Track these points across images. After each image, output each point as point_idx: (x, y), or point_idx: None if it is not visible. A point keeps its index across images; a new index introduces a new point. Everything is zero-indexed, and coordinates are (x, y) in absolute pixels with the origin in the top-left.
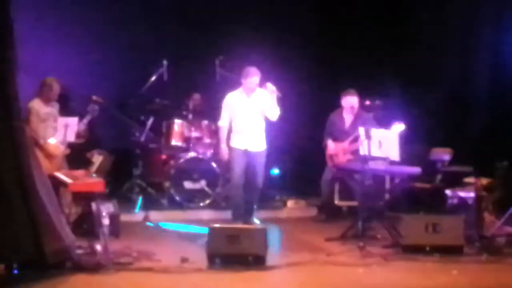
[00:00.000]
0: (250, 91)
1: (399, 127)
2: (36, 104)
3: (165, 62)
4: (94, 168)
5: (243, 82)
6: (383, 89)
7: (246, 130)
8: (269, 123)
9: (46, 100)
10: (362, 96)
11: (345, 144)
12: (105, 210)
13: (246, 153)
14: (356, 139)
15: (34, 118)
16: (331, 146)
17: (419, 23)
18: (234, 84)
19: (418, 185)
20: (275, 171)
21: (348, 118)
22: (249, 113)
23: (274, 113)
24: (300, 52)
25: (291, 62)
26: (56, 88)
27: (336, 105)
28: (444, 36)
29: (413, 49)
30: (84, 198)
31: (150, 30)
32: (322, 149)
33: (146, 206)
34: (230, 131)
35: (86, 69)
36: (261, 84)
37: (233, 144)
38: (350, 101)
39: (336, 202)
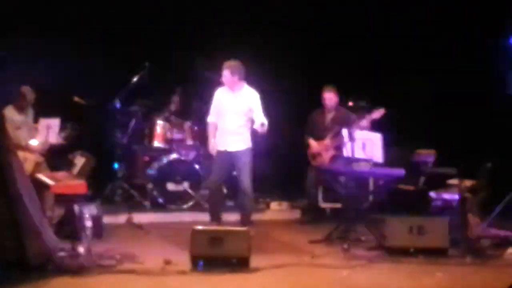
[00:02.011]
0: (231, 87)
1: (379, 111)
2: (10, 112)
3: (147, 64)
4: (76, 170)
5: None
6: (367, 91)
7: (228, 128)
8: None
9: (20, 108)
10: (346, 98)
11: (327, 141)
12: (88, 212)
13: (227, 154)
14: (337, 134)
15: (8, 125)
16: (313, 145)
17: (403, 26)
18: (218, 84)
19: (402, 187)
20: None
21: (329, 115)
22: (233, 110)
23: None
24: (285, 52)
25: (276, 62)
26: (30, 97)
27: (318, 104)
28: (430, 38)
29: (396, 51)
30: (66, 200)
31: (132, 31)
32: (304, 150)
33: (129, 208)
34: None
35: (67, 70)
36: (246, 79)
37: (216, 145)
38: (325, 96)
39: (320, 204)
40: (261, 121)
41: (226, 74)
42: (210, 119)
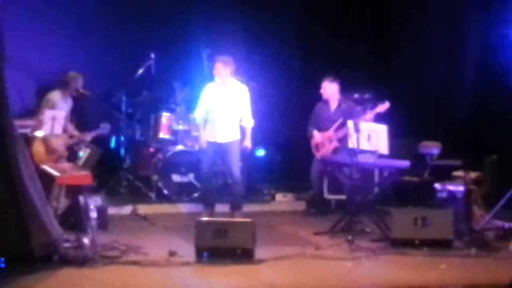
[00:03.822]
0: (222, 80)
1: (384, 105)
2: (55, 96)
3: (152, 55)
4: (81, 161)
5: None
6: (371, 83)
7: (217, 120)
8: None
9: (65, 94)
10: (351, 89)
11: (330, 132)
12: (93, 203)
13: (216, 145)
14: (341, 126)
15: (47, 109)
16: (316, 135)
17: (406, 17)
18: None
19: (407, 178)
20: (260, 152)
21: (333, 106)
22: (222, 104)
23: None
24: (288, 44)
25: (279, 54)
26: (79, 83)
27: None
28: (431, 30)
29: (401, 43)
30: (71, 191)
31: (138, 23)
32: (310, 141)
33: (134, 199)
34: (206, 122)
35: (73, 62)
36: (236, 73)
37: (205, 136)
38: (323, 86)
39: (326, 195)
40: (247, 123)
41: (219, 67)
42: (199, 113)
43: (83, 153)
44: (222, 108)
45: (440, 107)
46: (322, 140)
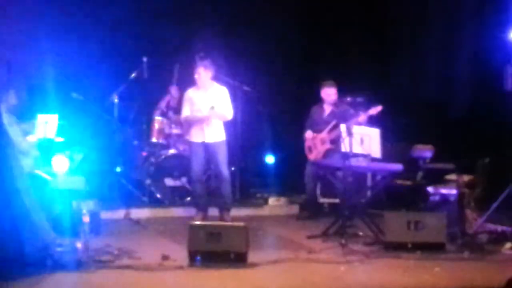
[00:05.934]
0: (202, 84)
1: (376, 108)
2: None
3: (144, 59)
4: (74, 165)
5: None
6: (364, 87)
7: (204, 122)
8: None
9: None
10: (343, 92)
11: (324, 134)
12: (86, 207)
13: (204, 145)
14: (334, 128)
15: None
16: (309, 137)
17: (400, 20)
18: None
19: (400, 182)
20: (270, 159)
21: (327, 109)
22: (207, 104)
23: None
24: (281, 47)
25: (272, 57)
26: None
27: (317, 100)
28: (424, 33)
29: (394, 46)
30: (64, 195)
31: (130, 27)
32: (303, 145)
33: (127, 203)
34: (191, 125)
35: (65, 66)
36: (216, 77)
37: (191, 138)
38: (328, 92)
39: (319, 199)
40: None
41: (200, 71)
42: (185, 113)
43: (76, 158)
44: (207, 109)
45: (433, 110)
46: (314, 141)
